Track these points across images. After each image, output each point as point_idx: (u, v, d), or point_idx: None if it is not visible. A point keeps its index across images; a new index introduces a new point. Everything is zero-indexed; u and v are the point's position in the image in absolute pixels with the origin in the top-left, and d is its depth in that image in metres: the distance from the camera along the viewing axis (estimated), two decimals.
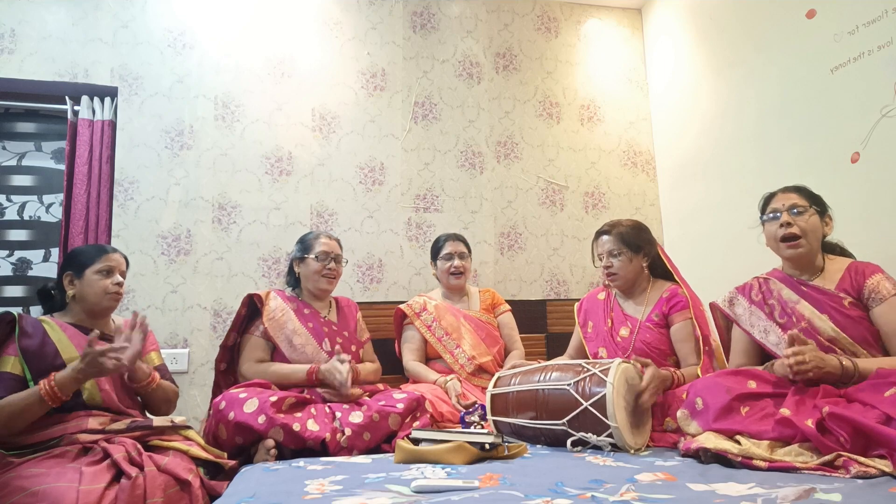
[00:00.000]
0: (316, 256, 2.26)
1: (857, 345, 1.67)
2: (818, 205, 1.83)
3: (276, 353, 2.18)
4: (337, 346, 2.17)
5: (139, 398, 1.89)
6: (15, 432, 1.56)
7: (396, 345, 2.66)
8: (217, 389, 2.20)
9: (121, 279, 1.88)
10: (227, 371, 2.23)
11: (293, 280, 2.33)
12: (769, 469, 1.36)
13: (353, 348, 2.28)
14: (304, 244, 2.31)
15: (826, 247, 1.89)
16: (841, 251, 1.92)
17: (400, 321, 2.63)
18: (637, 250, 2.13)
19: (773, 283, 1.89)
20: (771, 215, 1.85)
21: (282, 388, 2.03)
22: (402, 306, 2.60)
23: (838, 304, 1.73)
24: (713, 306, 2.02)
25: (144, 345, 1.96)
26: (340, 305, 2.41)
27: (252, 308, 2.23)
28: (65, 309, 1.85)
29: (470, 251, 2.68)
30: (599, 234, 2.19)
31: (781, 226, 1.80)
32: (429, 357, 2.56)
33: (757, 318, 1.86)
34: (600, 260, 2.18)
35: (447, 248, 2.61)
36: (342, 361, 2.02)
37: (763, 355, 1.87)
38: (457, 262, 2.58)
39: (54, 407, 1.58)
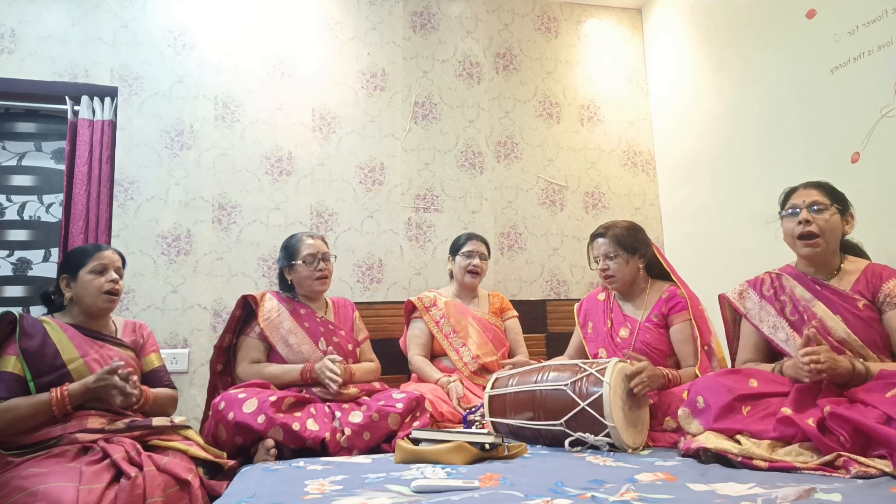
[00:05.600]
0: (304, 261, 2.23)
1: (866, 347, 1.66)
2: (840, 203, 1.79)
3: (272, 354, 2.18)
4: (330, 348, 2.17)
5: None
6: (15, 434, 1.56)
7: (402, 339, 2.66)
8: (213, 391, 2.19)
9: (115, 276, 1.85)
10: (224, 372, 2.22)
11: (286, 287, 2.32)
12: (769, 469, 1.36)
13: (350, 347, 2.27)
14: (289, 250, 2.28)
15: (845, 246, 1.86)
16: (860, 252, 1.88)
17: (409, 313, 2.64)
18: (633, 252, 2.12)
19: (785, 279, 1.86)
20: (790, 211, 1.81)
21: (280, 388, 2.03)
22: (412, 298, 2.61)
23: (852, 305, 1.72)
24: (722, 298, 2.00)
25: (144, 347, 1.97)
26: (337, 305, 2.40)
27: (247, 309, 2.22)
28: (64, 310, 1.85)
29: (489, 254, 2.70)
30: (595, 236, 2.19)
31: (800, 223, 1.76)
32: (434, 354, 2.56)
33: (767, 314, 1.84)
34: (596, 262, 2.17)
35: (469, 246, 2.62)
36: (333, 362, 2.02)
37: (771, 352, 1.86)
38: (476, 261, 2.59)
39: (58, 415, 1.60)
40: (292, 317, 2.20)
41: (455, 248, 2.67)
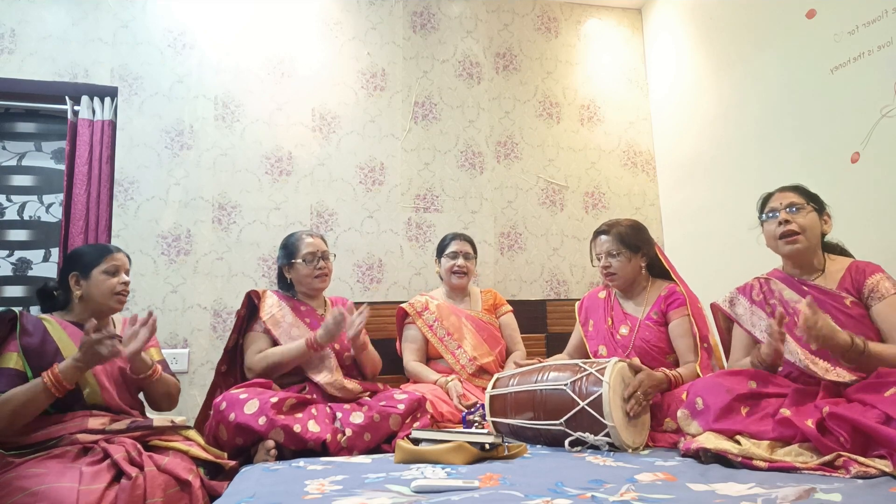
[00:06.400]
0: (303, 259, 2.24)
1: None
2: (815, 203, 1.83)
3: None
4: (337, 345, 2.18)
5: (140, 392, 1.90)
6: (18, 426, 1.56)
7: (398, 344, 2.66)
8: (214, 391, 2.19)
9: (127, 278, 1.90)
10: (227, 374, 2.22)
11: (285, 286, 2.33)
12: (769, 469, 1.36)
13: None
14: (289, 248, 2.29)
15: (827, 247, 1.89)
16: (841, 251, 1.91)
17: (401, 320, 2.63)
18: (636, 250, 2.13)
19: (773, 283, 1.89)
20: (770, 215, 1.85)
21: (283, 387, 2.03)
22: (403, 305, 2.60)
23: (840, 303, 1.73)
24: (714, 307, 2.02)
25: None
26: (335, 304, 2.40)
27: (251, 308, 2.23)
28: (66, 308, 1.86)
29: (476, 253, 2.67)
30: (598, 233, 2.19)
31: (780, 224, 1.80)
32: (430, 357, 2.55)
33: (758, 318, 1.85)
34: (598, 260, 2.18)
35: (453, 247, 2.60)
36: (340, 315, 2.04)
37: None
38: (461, 261, 2.57)
39: (59, 397, 1.58)
40: (293, 312, 2.21)
41: (440, 250, 2.65)
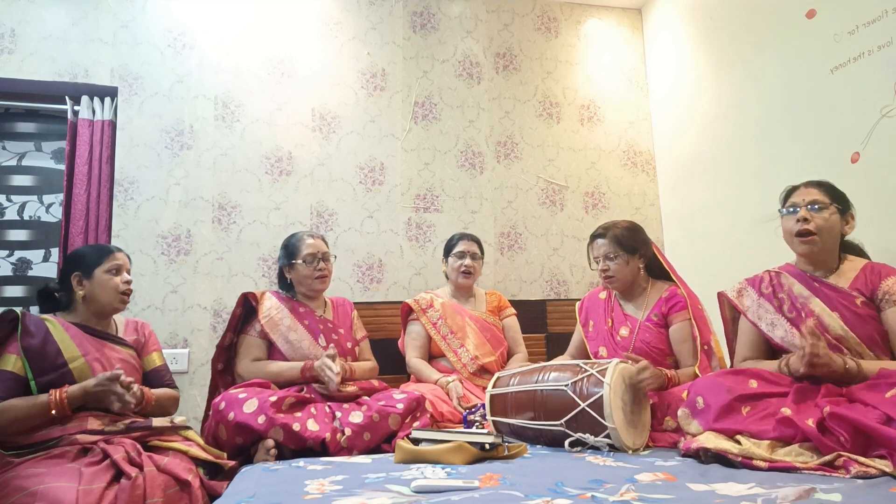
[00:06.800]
0: (304, 260, 2.25)
1: (863, 344, 1.67)
2: (840, 202, 1.80)
3: (272, 351, 2.18)
4: (331, 345, 2.18)
5: None
6: (12, 434, 1.56)
7: (400, 340, 2.66)
8: (214, 390, 2.20)
9: (129, 277, 1.90)
10: (225, 371, 2.23)
11: (285, 286, 2.33)
12: (769, 469, 1.36)
13: (349, 345, 2.28)
14: (290, 249, 2.29)
15: (846, 246, 1.86)
16: (860, 252, 1.89)
17: (406, 316, 2.63)
18: (633, 252, 2.12)
19: (784, 277, 1.87)
20: (790, 209, 1.83)
21: (280, 387, 2.03)
22: (409, 301, 2.61)
23: (850, 302, 1.72)
24: (721, 296, 2.01)
25: (146, 346, 1.98)
26: (335, 305, 2.41)
27: (247, 308, 2.23)
28: (69, 309, 1.86)
29: (482, 253, 2.68)
30: (594, 237, 2.19)
31: (798, 221, 1.78)
32: (432, 355, 2.56)
33: (765, 311, 1.84)
34: (596, 263, 2.17)
35: (460, 247, 2.61)
36: (331, 357, 2.02)
37: (769, 349, 1.86)
38: (468, 261, 2.58)
39: (55, 416, 1.60)
40: (292, 314, 2.21)
41: (447, 250, 2.66)
